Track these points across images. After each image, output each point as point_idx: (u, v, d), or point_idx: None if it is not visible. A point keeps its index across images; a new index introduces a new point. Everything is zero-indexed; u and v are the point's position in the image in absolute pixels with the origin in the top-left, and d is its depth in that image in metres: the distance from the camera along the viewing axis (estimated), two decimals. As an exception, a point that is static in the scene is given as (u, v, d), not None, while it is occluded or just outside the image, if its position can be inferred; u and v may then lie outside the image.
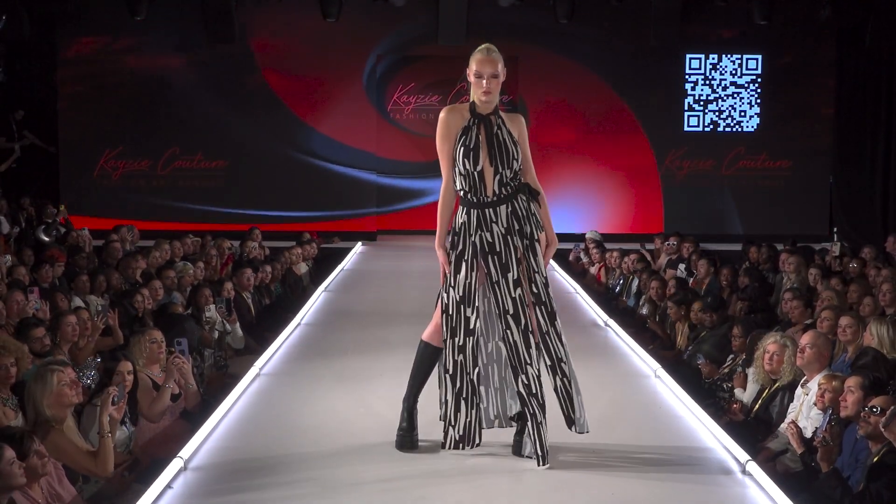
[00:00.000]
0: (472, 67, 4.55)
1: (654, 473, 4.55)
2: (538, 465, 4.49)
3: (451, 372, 4.55)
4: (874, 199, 14.85)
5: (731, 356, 6.86)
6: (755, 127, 15.27)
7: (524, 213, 4.54)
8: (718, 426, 5.15)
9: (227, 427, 5.20)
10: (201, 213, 14.85)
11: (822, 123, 15.17)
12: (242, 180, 15.08)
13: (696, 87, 15.21)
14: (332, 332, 7.85)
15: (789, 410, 5.67)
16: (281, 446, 4.88)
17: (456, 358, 4.53)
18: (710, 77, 15.18)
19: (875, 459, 4.51)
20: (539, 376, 4.50)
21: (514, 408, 4.65)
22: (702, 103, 15.24)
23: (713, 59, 15.15)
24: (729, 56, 15.13)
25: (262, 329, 8.62)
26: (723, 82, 15.18)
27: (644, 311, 9.44)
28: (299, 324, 8.04)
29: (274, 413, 5.50)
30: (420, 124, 15.26)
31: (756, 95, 15.20)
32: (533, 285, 4.52)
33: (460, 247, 4.53)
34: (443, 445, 4.61)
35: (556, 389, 4.55)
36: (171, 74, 14.92)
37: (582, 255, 12.82)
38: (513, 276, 4.50)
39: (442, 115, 4.57)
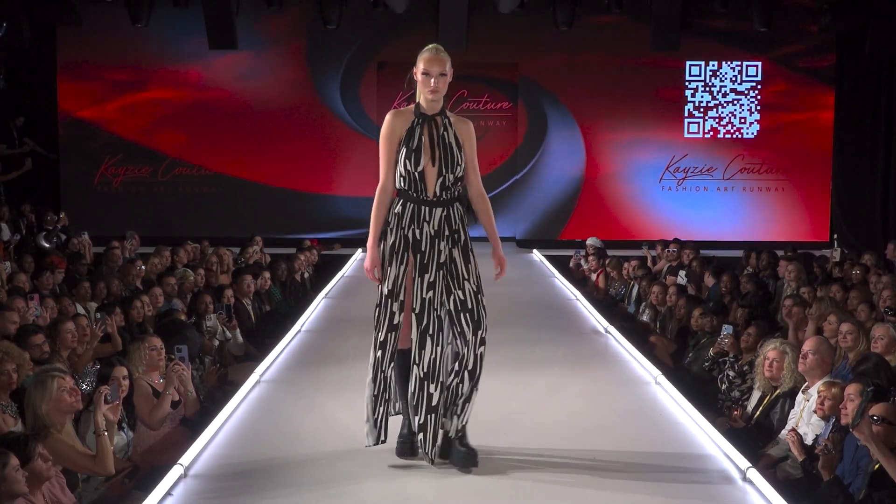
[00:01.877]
0: (420, 66, 4.56)
1: (655, 480, 4.54)
2: (430, 463, 4.46)
3: (371, 371, 4.55)
4: (874, 205, 14.86)
5: (734, 356, 6.84)
6: (755, 133, 15.28)
7: (458, 221, 4.49)
8: (719, 433, 5.14)
9: (227, 434, 5.19)
10: (202, 219, 14.85)
11: (821, 130, 15.18)
12: (243, 188, 15.08)
13: (696, 94, 15.23)
14: (332, 339, 7.84)
15: (790, 417, 5.66)
16: (281, 453, 4.87)
17: (375, 354, 4.52)
18: (709, 84, 15.20)
19: (876, 467, 4.50)
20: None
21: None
22: (702, 110, 15.25)
23: (713, 65, 15.17)
24: (729, 63, 15.15)
25: (262, 335, 8.62)
26: (723, 89, 15.20)
27: (645, 317, 9.43)
28: (300, 330, 8.03)
29: (274, 420, 5.49)
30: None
31: (756, 102, 15.21)
32: (460, 291, 4.45)
33: (392, 238, 4.49)
34: (367, 444, 4.60)
35: (448, 387, 4.47)
36: (172, 82, 14.94)
37: (582, 261, 12.81)
38: (428, 277, 4.44)
39: (388, 116, 4.59)
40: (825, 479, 4.72)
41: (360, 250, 14.16)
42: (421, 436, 4.48)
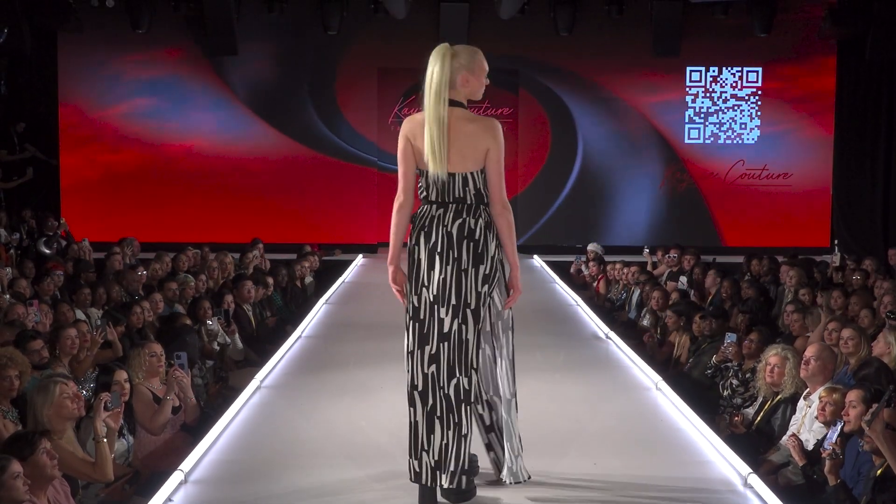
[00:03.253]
0: (485, 67, 4.20)
1: (656, 486, 4.54)
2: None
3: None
4: (875, 211, 14.85)
5: (737, 364, 6.84)
6: (755, 139, 15.29)
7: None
8: (720, 439, 5.14)
9: (227, 440, 5.19)
10: (204, 224, 14.85)
11: (822, 136, 15.19)
12: (243, 193, 15.09)
13: (697, 100, 15.24)
14: (333, 345, 7.84)
15: (791, 423, 5.66)
16: (282, 459, 4.87)
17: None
18: (710, 89, 15.21)
19: (879, 472, 4.50)
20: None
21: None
22: (702, 116, 15.26)
23: (713, 71, 15.18)
24: (729, 69, 15.16)
25: (262, 341, 8.62)
26: (723, 95, 15.21)
27: (645, 322, 9.42)
28: (300, 336, 8.04)
29: (275, 426, 5.49)
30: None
31: (756, 108, 15.23)
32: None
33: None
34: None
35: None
36: (172, 87, 14.96)
37: (583, 267, 12.82)
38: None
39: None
40: (831, 483, 4.72)
41: (360, 255, 14.16)
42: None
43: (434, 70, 3.99)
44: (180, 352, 6.11)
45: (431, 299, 3.92)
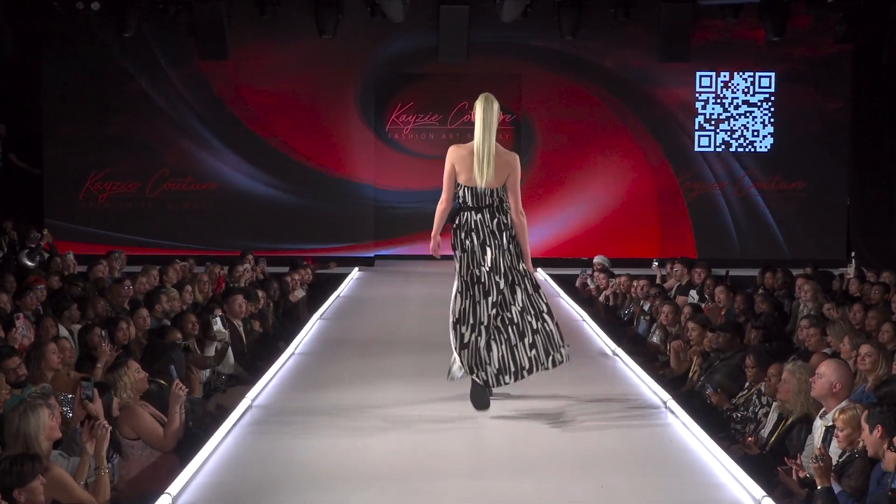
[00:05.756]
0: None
1: (666, 510, 4.53)
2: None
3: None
4: (893, 221, 14.85)
5: (747, 386, 6.83)
6: (768, 147, 15.31)
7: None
8: (732, 460, 5.13)
9: (216, 462, 5.18)
10: (192, 237, 14.86)
11: (838, 143, 15.20)
12: (234, 203, 15.11)
13: (707, 106, 15.26)
14: (327, 362, 7.83)
15: (806, 444, 5.64)
16: (274, 482, 4.86)
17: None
18: (721, 95, 15.24)
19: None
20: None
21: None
22: (713, 122, 15.29)
23: (724, 76, 15.21)
24: (741, 73, 15.19)
25: (254, 358, 8.60)
26: (734, 101, 15.24)
27: (655, 338, 9.41)
28: (293, 353, 8.02)
29: (266, 448, 5.48)
30: (419, 144, 15.30)
31: (769, 114, 15.25)
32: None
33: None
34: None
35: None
36: (160, 93, 14.99)
37: (589, 280, 12.80)
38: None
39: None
40: (820, 485, 4.72)
41: (356, 269, 14.16)
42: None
43: (487, 115, 6.05)
44: (167, 367, 6.09)
45: (487, 270, 6.11)
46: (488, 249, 6.09)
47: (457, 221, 6.19)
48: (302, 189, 15.16)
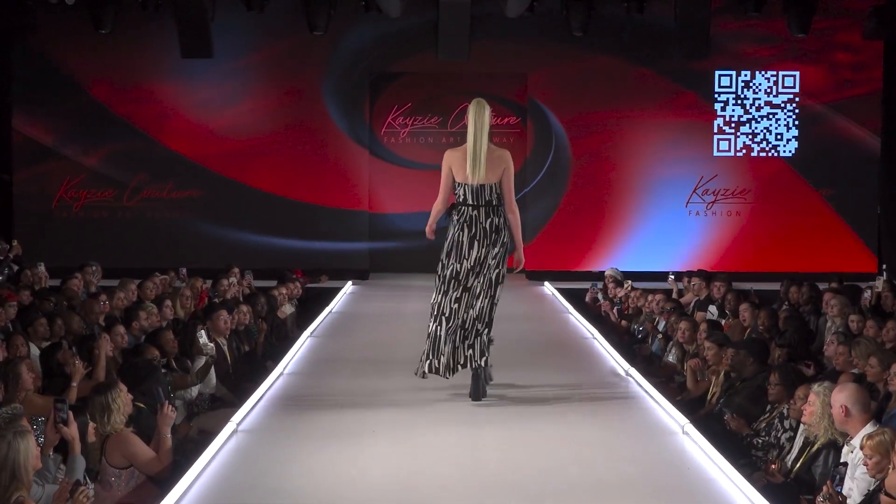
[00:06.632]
0: None
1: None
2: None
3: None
4: (928, 231, 14.88)
5: (768, 408, 6.83)
6: (793, 151, 15.34)
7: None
8: (755, 489, 5.13)
9: (199, 491, 5.19)
10: (172, 248, 14.87)
11: (867, 147, 15.23)
12: (218, 212, 15.13)
13: (727, 108, 15.30)
14: (318, 383, 7.84)
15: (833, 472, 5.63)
16: (261, 512, 4.86)
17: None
18: (742, 96, 15.29)
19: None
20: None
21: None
22: (733, 125, 15.32)
23: (745, 75, 15.26)
24: (763, 73, 15.24)
25: (239, 379, 8.61)
26: (756, 102, 15.28)
27: (671, 357, 9.42)
28: (282, 373, 8.04)
29: (253, 475, 5.49)
30: (417, 150, 15.32)
31: (794, 116, 15.29)
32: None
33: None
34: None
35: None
36: (140, 93, 15.03)
37: (600, 295, 12.79)
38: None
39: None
40: None
41: (349, 283, 14.18)
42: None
43: (479, 118, 6.93)
44: (154, 388, 6.09)
45: (469, 268, 6.99)
46: (476, 244, 6.98)
47: (455, 217, 7.04)
48: (294, 225, 15.16)
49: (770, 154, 15.36)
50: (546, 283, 14.15)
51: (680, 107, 15.26)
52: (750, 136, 15.34)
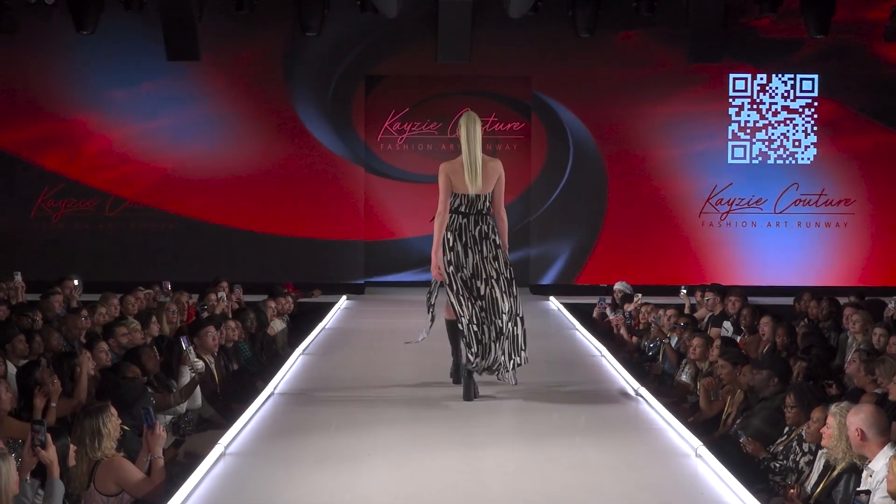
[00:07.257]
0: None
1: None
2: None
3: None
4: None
5: (786, 431, 6.83)
6: (812, 158, 15.38)
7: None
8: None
9: (186, 517, 5.19)
10: (157, 261, 14.88)
11: (890, 154, 15.26)
12: (203, 225, 15.14)
13: (742, 112, 15.34)
14: (311, 404, 7.84)
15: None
16: (250, 540, 4.86)
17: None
18: (757, 100, 15.33)
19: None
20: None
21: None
22: (748, 131, 15.36)
23: (761, 79, 15.30)
24: (780, 76, 15.27)
25: (228, 399, 8.61)
26: (773, 106, 15.32)
27: (684, 376, 9.42)
28: (272, 393, 8.03)
29: (241, 500, 5.48)
30: (414, 159, 15.34)
31: (812, 122, 15.32)
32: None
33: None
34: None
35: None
36: (122, 98, 15.06)
37: (608, 311, 12.79)
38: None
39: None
40: None
41: (344, 297, 14.18)
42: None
43: (471, 131, 7.52)
44: (144, 407, 6.08)
45: (469, 275, 7.63)
46: (470, 253, 7.63)
47: (447, 224, 7.66)
48: (280, 211, 15.21)
49: (787, 161, 15.39)
50: (551, 298, 14.16)
51: (692, 112, 15.28)
52: (766, 143, 15.37)
